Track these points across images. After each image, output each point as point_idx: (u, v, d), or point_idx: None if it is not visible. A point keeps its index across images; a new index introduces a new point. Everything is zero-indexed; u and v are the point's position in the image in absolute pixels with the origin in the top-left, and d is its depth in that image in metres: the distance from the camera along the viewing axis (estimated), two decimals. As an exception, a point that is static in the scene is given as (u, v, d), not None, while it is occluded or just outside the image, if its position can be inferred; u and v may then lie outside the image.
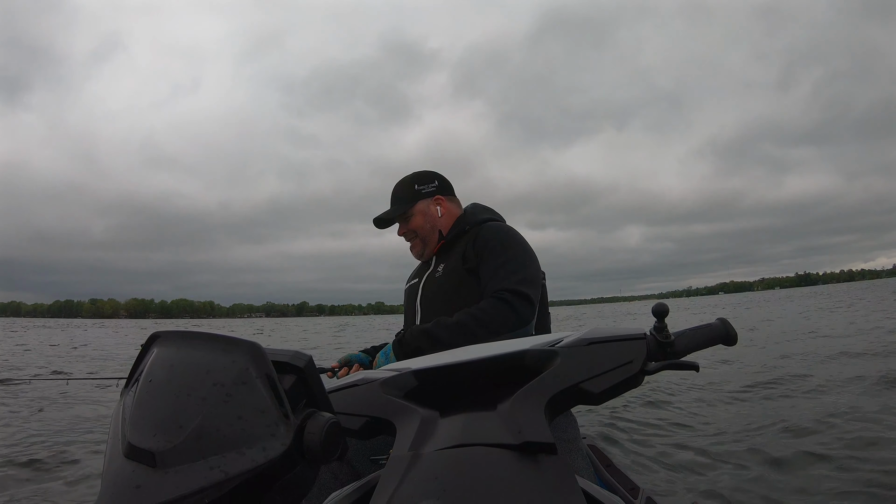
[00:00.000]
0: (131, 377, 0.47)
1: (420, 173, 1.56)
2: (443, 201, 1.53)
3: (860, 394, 4.39)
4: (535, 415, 0.53)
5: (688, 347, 0.69)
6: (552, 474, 0.47)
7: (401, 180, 1.56)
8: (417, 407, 0.58)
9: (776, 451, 3.27)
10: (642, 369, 0.61)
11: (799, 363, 6.19)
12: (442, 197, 1.54)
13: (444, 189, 1.56)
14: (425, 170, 1.58)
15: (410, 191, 1.53)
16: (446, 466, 0.47)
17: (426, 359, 0.68)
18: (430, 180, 1.55)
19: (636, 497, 0.89)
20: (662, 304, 0.68)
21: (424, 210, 1.52)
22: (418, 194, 1.52)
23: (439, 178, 1.56)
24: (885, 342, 7.15)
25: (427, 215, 1.52)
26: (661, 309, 0.68)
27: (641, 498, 0.89)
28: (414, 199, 1.52)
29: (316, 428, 0.41)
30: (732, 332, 0.71)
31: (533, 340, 0.65)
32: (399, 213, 1.53)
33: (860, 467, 2.74)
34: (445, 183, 1.57)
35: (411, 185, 1.54)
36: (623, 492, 0.89)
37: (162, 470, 0.37)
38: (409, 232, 1.53)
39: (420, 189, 1.53)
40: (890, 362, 5.56)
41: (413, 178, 1.55)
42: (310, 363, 0.45)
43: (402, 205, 1.53)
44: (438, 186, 1.55)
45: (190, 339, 0.46)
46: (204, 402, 0.40)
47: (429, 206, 1.52)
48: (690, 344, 0.69)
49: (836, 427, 3.53)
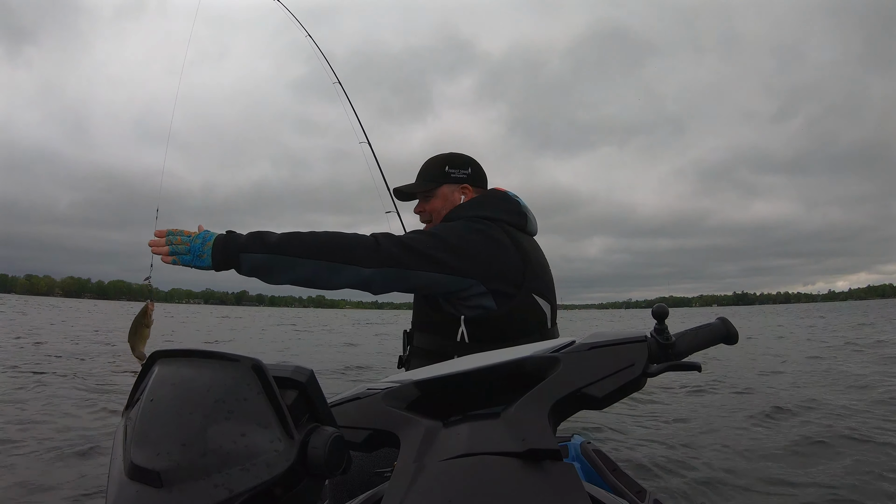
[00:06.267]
0: (132, 397, 0.46)
1: (455, 155, 1.44)
2: (469, 191, 1.41)
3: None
4: (539, 421, 0.53)
5: (689, 348, 0.69)
6: (559, 480, 0.47)
7: (433, 157, 1.44)
8: (420, 418, 0.58)
9: (781, 453, 3.26)
10: (644, 372, 0.61)
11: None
12: (470, 187, 1.42)
13: (476, 179, 1.43)
14: (462, 153, 1.46)
15: (440, 171, 1.41)
16: (451, 477, 0.47)
17: (427, 369, 0.68)
18: (463, 166, 1.42)
19: (643, 500, 0.89)
20: (662, 306, 0.68)
21: (447, 195, 1.40)
22: (446, 177, 1.40)
23: (474, 166, 1.44)
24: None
25: (448, 201, 1.40)
26: (662, 311, 0.68)
27: (648, 501, 0.89)
28: (440, 181, 1.40)
29: (319, 442, 0.41)
30: (733, 332, 0.71)
31: (534, 347, 0.65)
32: (422, 190, 1.42)
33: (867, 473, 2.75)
34: (479, 173, 1.45)
35: (442, 165, 1.41)
36: (630, 495, 0.89)
37: (167, 489, 0.37)
38: (425, 213, 1.43)
39: (450, 172, 1.41)
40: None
41: (446, 158, 1.43)
42: (311, 378, 0.45)
43: (427, 183, 1.41)
44: (470, 175, 1.42)
45: (191, 356, 0.46)
46: (207, 420, 0.40)
47: (453, 191, 1.40)
48: (691, 345, 0.69)
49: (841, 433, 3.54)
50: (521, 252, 1.27)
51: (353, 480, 1.11)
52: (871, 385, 5.53)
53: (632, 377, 0.60)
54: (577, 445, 1.10)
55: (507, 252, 1.25)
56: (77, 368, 6.85)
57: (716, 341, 0.71)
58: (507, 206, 1.37)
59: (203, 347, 0.47)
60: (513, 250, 1.25)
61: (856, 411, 4.26)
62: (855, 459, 2.97)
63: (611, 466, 1.04)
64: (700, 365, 0.68)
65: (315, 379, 0.46)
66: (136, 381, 0.47)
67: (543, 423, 0.53)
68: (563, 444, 1.09)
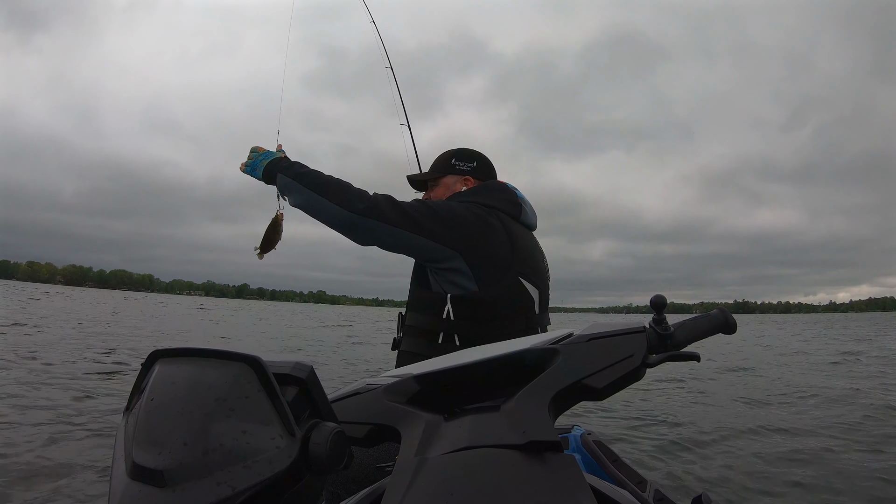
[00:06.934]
0: (133, 397, 0.46)
1: (462, 150, 1.54)
2: (471, 182, 1.50)
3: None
4: (540, 413, 0.53)
5: (688, 338, 0.69)
6: (560, 472, 0.47)
7: (445, 151, 1.55)
8: (421, 412, 0.58)
9: (779, 443, 3.28)
10: (644, 362, 0.61)
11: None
12: (472, 179, 1.50)
13: (480, 173, 1.52)
14: (473, 149, 1.56)
15: (446, 163, 1.51)
16: (453, 470, 0.47)
17: (428, 363, 0.68)
18: (469, 159, 1.52)
19: (644, 490, 0.89)
20: (661, 296, 0.68)
21: (450, 184, 1.49)
22: (452, 168, 1.50)
23: (480, 160, 1.53)
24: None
25: (450, 190, 1.49)
26: (660, 301, 0.67)
27: (650, 491, 0.89)
28: (445, 171, 1.50)
29: (321, 438, 0.42)
30: (731, 321, 0.71)
31: (533, 339, 0.65)
32: (429, 178, 1.53)
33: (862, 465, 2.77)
34: (485, 168, 1.53)
35: (449, 158, 1.51)
36: (631, 486, 0.89)
37: (169, 488, 0.37)
38: (430, 200, 1.49)
39: (455, 164, 1.51)
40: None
41: (454, 152, 1.53)
42: (312, 374, 0.45)
43: (434, 172, 1.52)
44: (475, 168, 1.51)
45: (190, 355, 0.46)
46: (208, 418, 0.40)
47: (456, 182, 1.50)
48: (690, 335, 0.70)
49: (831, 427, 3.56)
50: (511, 238, 1.33)
51: (355, 475, 1.12)
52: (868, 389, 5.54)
53: (631, 368, 0.60)
54: (577, 437, 1.10)
55: (495, 234, 1.31)
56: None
57: (714, 331, 0.71)
58: (502, 195, 1.44)
59: (203, 346, 0.47)
60: (503, 234, 1.32)
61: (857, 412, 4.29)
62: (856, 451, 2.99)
63: (611, 457, 1.04)
64: (699, 355, 0.68)
65: (315, 375, 0.46)
66: (137, 381, 0.47)
67: (544, 415, 0.53)
68: (563, 435, 1.10)
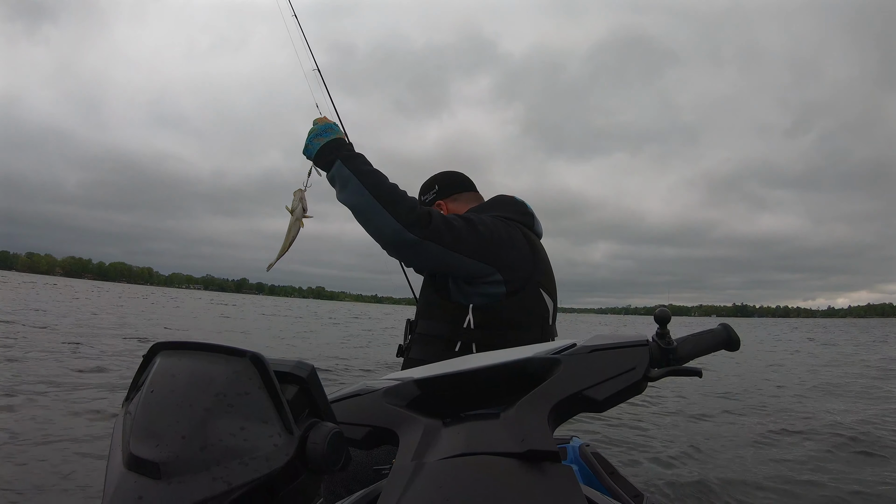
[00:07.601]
0: (133, 388, 0.47)
1: (423, 184, 1.56)
2: (443, 206, 1.52)
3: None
4: (539, 423, 0.53)
5: (690, 353, 0.69)
6: (556, 482, 0.47)
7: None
8: (420, 416, 0.58)
9: (778, 456, 3.25)
10: (645, 376, 0.61)
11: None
12: (442, 201, 1.52)
13: (445, 191, 1.54)
14: (428, 178, 1.57)
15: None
16: (450, 475, 0.47)
17: (428, 368, 0.68)
18: (429, 188, 1.54)
19: None
20: (665, 310, 0.68)
21: None
22: (424, 204, 1.51)
23: (439, 181, 1.54)
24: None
25: None
26: (664, 315, 0.67)
27: None
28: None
29: (319, 438, 0.41)
30: (735, 337, 0.70)
31: (536, 348, 0.65)
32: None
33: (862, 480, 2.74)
34: (446, 183, 1.55)
35: (417, 196, 1.53)
36: (627, 499, 0.89)
37: (165, 481, 0.37)
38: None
39: (424, 199, 1.54)
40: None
41: (419, 191, 1.55)
42: (312, 373, 0.45)
43: None
44: (438, 191, 1.54)
45: (192, 349, 0.46)
46: (207, 413, 0.40)
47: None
48: (693, 350, 0.69)
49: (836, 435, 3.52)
50: (533, 248, 1.37)
51: (352, 477, 1.11)
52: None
53: (632, 381, 0.59)
54: (575, 448, 1.09)
55: (521, 246, 1.34)
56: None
57: (717, 347, 0.71)
58: (515, 207, 1.47)
59: (205, 340, 0.47)
60: (525, 245, 1.35)
61: (860, 420, 4.25)
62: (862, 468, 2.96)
63: (609, 469, 1.04)
64: (701, 371, 0.68)
65: (316, 374, 0.45)
66: (137, 372, 0.47)
67: (543, 425, 0.53)
68: (561, 445, 1.09)
